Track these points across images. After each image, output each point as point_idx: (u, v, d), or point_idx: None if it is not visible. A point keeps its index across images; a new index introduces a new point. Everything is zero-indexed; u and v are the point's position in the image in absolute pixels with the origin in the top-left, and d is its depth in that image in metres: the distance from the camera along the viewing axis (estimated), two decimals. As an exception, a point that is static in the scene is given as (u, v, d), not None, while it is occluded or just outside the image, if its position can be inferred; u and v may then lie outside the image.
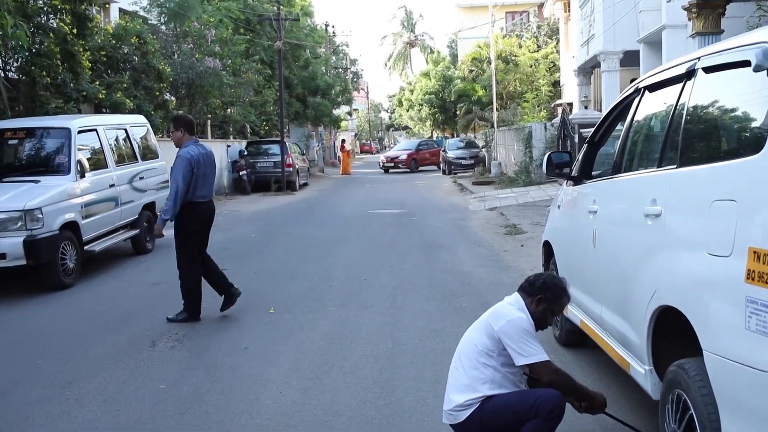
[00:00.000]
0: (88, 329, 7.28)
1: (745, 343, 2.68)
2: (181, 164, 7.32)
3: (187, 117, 8.04)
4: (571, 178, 5.83)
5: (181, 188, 7.29)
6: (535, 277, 4.08)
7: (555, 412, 3.65)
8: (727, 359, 2.80)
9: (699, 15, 12.65)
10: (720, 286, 2.92)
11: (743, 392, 2.71)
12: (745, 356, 2.68)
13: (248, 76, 27.29)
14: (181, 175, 7.28)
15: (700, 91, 3.57)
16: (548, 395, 3.68)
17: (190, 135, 7.58)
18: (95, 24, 17.08)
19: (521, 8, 45.67)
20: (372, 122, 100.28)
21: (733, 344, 2.76)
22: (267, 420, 4.82)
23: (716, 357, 2.88)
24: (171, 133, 7.75)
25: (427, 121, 54.70)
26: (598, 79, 24.44)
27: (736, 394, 2.77)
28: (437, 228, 14.65)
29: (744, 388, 2.70)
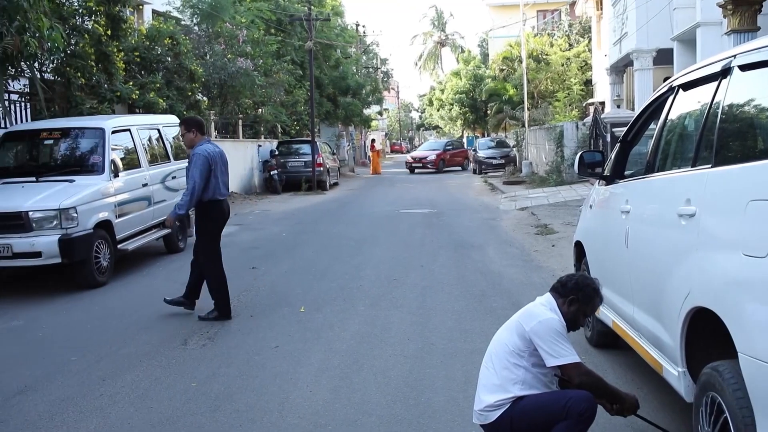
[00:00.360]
0: (120, 327, 7.37)
1: (782, 345, 2.64)
2: (198, 161, 7.46)
3: (196, 118, 8.23)
4: (604, 177, 5.77)
5: (199, 184, 7.41)
6: (567, 277, 4.04)
7: (586, 414, 3.61)
8: (763, 362, 2.76)
9: (734, 12, 12.46)
10: (756, 287, 2.88)
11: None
12: (781, 359, 2.64)
13: (279, 77, 27.44)
14: (199, 172, 7.41)
15: (736, 89, 3.51)
16: (580, 396, 3.65)
17: (201, 135, 7.72)
18: (129, 25, 17.30)
19: (553, 6, 45.33)
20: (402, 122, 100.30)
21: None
22: (297, 419, 4.83)
23: (752, 359, 2.84)
24: (182, 135, 7.82)
25: (458, 120, 54.56)
26: (631, 77, 24.19)
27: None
28: (467, 228, 14.61)
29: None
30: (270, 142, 29.06)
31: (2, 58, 10.84)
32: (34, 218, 8.76)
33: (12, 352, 6.64)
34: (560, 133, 23.88)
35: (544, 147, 26.91)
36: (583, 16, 37.85)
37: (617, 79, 26.15)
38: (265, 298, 8.54)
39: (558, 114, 29.46)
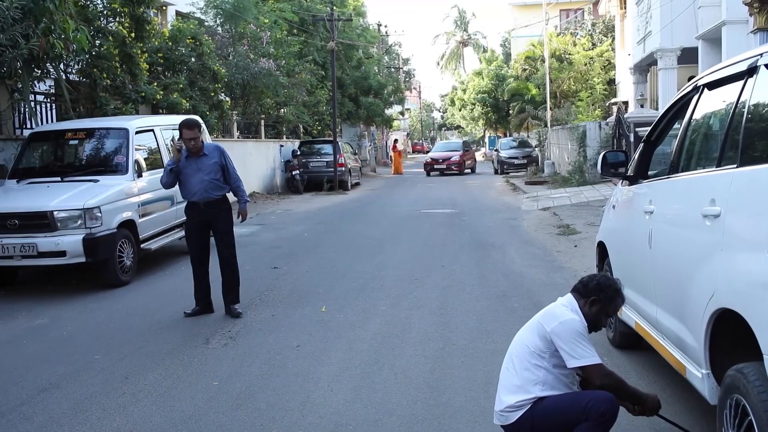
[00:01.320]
0: (143, 326, 7.42)
1: (808, 347, 2.60)
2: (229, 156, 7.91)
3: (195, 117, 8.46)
4: (627, 177, 5.73)
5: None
6: (588, 278, 4.01)
7: (607, 415, 3.59)
8: (788, 364, 2.72)
9: (761, 10, 12.32)
10: (782, 289, 2.84)
11: (806, 398, 2.62)
12: (808, 361, 2.60)
13: (301, 77, 27.52)
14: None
15: (763, 88, 3.47)
16: (600, 397, 3.62)
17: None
18: (153, 26, 17.41)
19: (576, 6, 45.12)
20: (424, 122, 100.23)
21: (796, 349, 2.68)
22: (318, 418, 4.84)
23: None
24: (189, 140, 7.52)
25: (480, 120, 54.45)
26: (655, 77, 24.00)
27: (798, 401, 2.68)
28: (489, 228, 14.56)
29: (807, 395, 2.62)
30: (292, 142, 29.16)
31: (28, 60, 10.96)
32: (59, 218, 8.84)
33: (37, 350, 6.71)
34: (583, 133, 23.74)
35: (567, 147, 26.77)
36: (607, 15, 37.62)
37: (641, 79, 25.95)
38: (286, 297, 8.57)
39: (581, 114, 29.28)
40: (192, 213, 7.86)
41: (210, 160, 7.70)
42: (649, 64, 24.68)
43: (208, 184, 7.67)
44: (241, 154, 23.05)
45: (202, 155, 7.68)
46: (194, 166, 7.64)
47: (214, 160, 7.73)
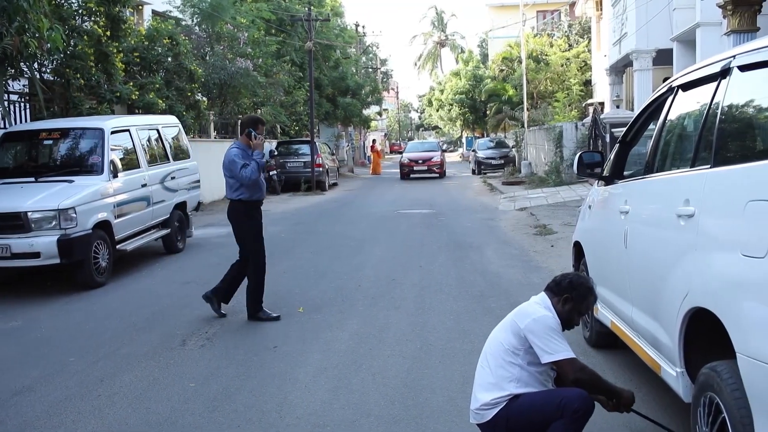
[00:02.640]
0: (119, 327, 7.36)
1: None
2: None
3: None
4: (603, 178, 5.77)
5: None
6: (561, 276, 4.05)
7: (580, 412, 3.60)
8: (761, 362, 2.75)
9: (734, 12, 12.46)
10: (754, 288, 2.87)
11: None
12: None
13: (279, 77, 27.44)
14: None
15: (736, 89, 3.51)
16: (574, 395, 3.64)
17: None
18: (129, 26, 17.28)
19: (552, 7, 45.38)
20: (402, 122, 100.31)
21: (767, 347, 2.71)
22: (296, 419, 4.83)
23: (750, 360, 2.83)
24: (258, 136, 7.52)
25: (457, 120, 54.61)
26: (631, 78, 24.20)
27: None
28: (466, 228, 14.60)
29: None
30: (269, 142, 29.02)
31: (2, 59, 10.84)
32: (33, 219, 8.75)
33: (10, 352, 6.64)
34: (559, 134, 23.88)
35: (544, 147, 26.92)
36: (583, 17, 37.87)
37: (617, 80, 26.16)
38: (263, 298, 8.51)
39: (557, 114, 29.44)
40: (257, 212, 7.74)
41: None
42: (624, 66, 24.88)
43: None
44: (218, 155, 22.74)
45: None
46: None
47: None
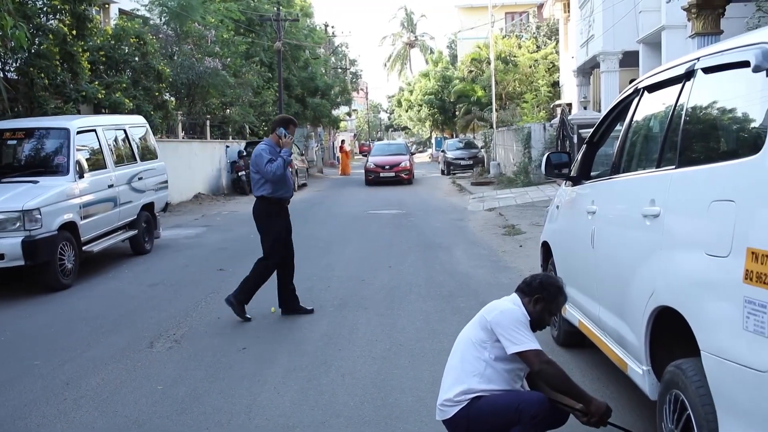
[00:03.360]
0: (85, 330, 7.27)
1: (743, 343, 2.68)
2: None
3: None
4: (570, 178, 5.82)
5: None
6: (531, 277, 4.06)
7: (538, 417, 3.58)
8: (724, 360, 2.80)
9: (698, 15, 12.65)
10: (718, 287, 2.92)
11: (741, 393, 2.70)
12: (742, 357, 2.68)
13: (248, 77, 27.31)
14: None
15: (699, 91, 3.56)
16: (533, 399, 3.63)
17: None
18: (95, 24, 17.08)
19: (521, 9, 45.74)
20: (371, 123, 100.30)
21: (731, 345, 2.76)
22: (265, 420, 4.81)
23: (714, 357, 2.88)
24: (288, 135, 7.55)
25: (427, 121, 54.76)
26: (598, 79, 24.47)
27: (733, 395, 2.76)
28: (436, 228, 14.64)
29: (741, 389, 2.69)
30: (238, 142, 28.89)
31: (-36, 57, 10.65)
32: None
33: (-27, 356, 6.52)
34: (528, 135, 24.05)
35: (512, 148, 27.09)
36: (551, 19, 38.21)
37: (584, 81, 26.43)
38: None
39: (526, 115, 29.65)
40: (281, 211, 7.71)
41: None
42: (592, 67, 25.14)
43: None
44: (186, 155, 22.78)
45: None
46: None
47: None
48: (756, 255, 2.64)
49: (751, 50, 2.96)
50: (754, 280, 2.64)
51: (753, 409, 2.63)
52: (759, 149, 2.75)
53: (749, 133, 3.04)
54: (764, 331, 2.56)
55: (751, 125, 3.03)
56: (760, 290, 2.60)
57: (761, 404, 2.58)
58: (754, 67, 2.90)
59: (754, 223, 2.72)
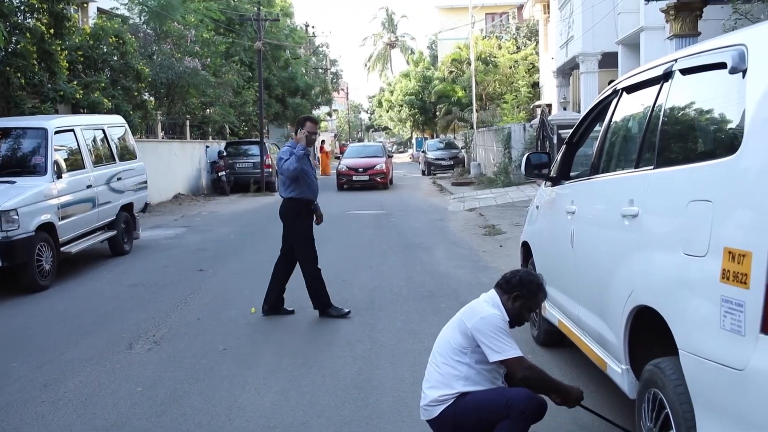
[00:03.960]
0: (64, 331, 7.20)
1: (720, 342, 2.70)
2: None
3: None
4: (550, 178, 5.85)
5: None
6: (511, 273, 4.08)
7: (527, 412, 3.63)
8: (702, 358, 2.82)
9: (676, 17, 12.77)
10: (696, 286, 2.94)
11: (718, 391, 2.73)
12: (720, 355, 2.70)
13: (228, 77, 27.20)
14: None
15: (677, 92, 3.59)
16: (521, 395, 3.67)
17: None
18: (73, 23, 16.94)
19: (501, 10, 45.91)
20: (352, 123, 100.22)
21: (709, 343, 2.78)
22: (245, 422, 4.79)
23: (692, 356, 2.90)
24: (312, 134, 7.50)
25: (407, 121, 54.81)
26: (577, 80, 24.60)
27: (711, 393, 2.78)
28: (416, 229, 14.66)
29: (719, 387, 2.72)
30: (218, 142, 28.77)
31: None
32: (-28, 220, 8.51)
33: (-51, 358, 6.44)
34: (508, 135, 24.14)
35: (492, 148, 27.18)
36: (531, 20, 38.38)
37: (564, 82, 26.57)
38: (212, 300, 8.45)
39: (506, 116, 29.77)
40: (307, 212, 7.63)
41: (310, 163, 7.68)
42: (571, 68, 25.28)
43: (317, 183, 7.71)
44: (165, 155, 22.65)
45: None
46: (309, 163, 7.53)
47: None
48: (733, 254, 2.67)
49: (728, 52, 3.00)
50: (731, 280, 2.66)
51: (730, 407, 2.66)
52: (735, 150, 2.78)
53: (726, 133, 3.07)
54: (741, 330, 2.59)
55: (728, 126, 3.06)
56: (737, 289, 2.62)
57: (738, 402, 2.61)
58: (730, 69, 2.93)
59: (730, 223, 2.74)
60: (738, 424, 2.61)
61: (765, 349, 2.49)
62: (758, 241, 2.53)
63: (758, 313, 2.51)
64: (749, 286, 2.56)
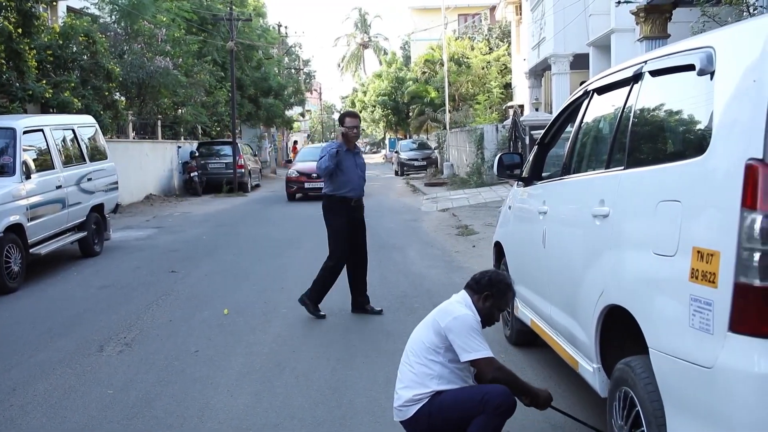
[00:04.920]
0: (33, 334, 7.11)
1: (689, 340, 2.74)
2: None
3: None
4: (522, 179, 5.88)
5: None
6: (480, 274, 4.11)
7: (502, 407, 3.66)
8: (671, 356, 2.85)
9: (646, 19, 12.93)
10: (665, 285, 2.98)
11: (687, 388, 2.76)
12: (689, 353, 2.73)
13: (200, 77, 27.02)
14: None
15: (647, 94, 3.63)
16: (496, 391, 3.70)
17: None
18: (42, 22, 16.73)
19: (473, 11, 46.11)
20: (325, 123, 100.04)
21: (678, 342, 2.82)
22: (218, 424, 4.76)
23: (661, 354, 2.94)
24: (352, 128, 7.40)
25: (380, 122, 54.85)
26: (549, 81, 24.78)
27: (680, 391, 2.82)
28: (390, 229, 14.66)
29: (688, 385, 2.75)
30: (190, 143, 28.59)
31: None
32: (-61, 222, 8.38)
33: None
34: (481, 136, 24.24)
35: (465, 149, 27.28)
36: (503, 21, 38.58)
37: (536, 83, 26.74)
38: (184, 301, 8.39)
39: (478, 116, 29.91)
40: (342, 209, 7.50)
41: (362, 158, 7.65)
42: (543, 69, 25.44)
43: (362, 180, 7.55)
44: (137, 156, 22.47)
45: (356, 151, 7.57)
46: (351, 160, 7.41)
47: (363, 159, 7.70)
48: (701, 254, 2.70)
49: (696, 54, 3.04)
50: (700, 279, 2.69)
51: (699, 404, 2.69)
52: (704, 150, 2.81)
53: (695, 134, 3.11)
54: (710, 328, 2.62)
55: (697, 127, 3.10)
56: (705, 288, 2.66)
57: (707, 399, 2.64)
58: (698, 71, 2.97)
59: (699, 223, 2.78)
60: (707, 421, 2.65)
61: (733, 347, 2.53)
62: (726, 241, 2.57)
63: (726, 312, 2.55)
64: (717, 285, 2.59)
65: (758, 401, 2.46)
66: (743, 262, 2.50)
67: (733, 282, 2.52)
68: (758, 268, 2.47)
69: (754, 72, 2.65)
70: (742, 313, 2.51)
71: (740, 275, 2.51)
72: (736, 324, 2.52)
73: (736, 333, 2.53)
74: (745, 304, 2.50)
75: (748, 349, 2.49)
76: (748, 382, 2.48)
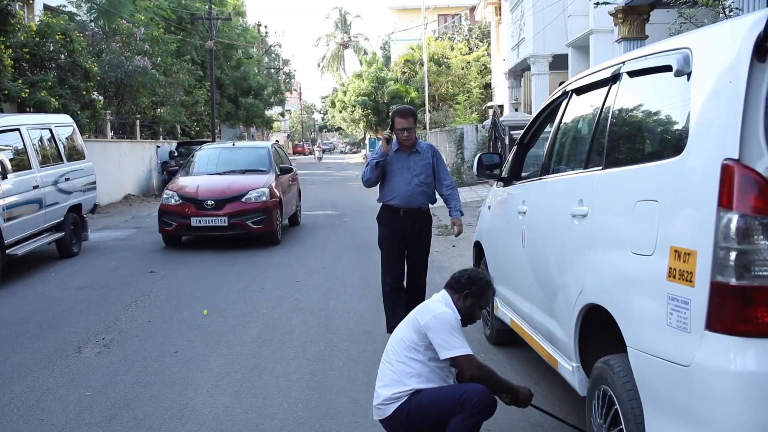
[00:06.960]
0: (10, 335, 7.04)
1: (667, 339, 2.76)
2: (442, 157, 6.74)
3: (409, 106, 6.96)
4: (502, 179, 5.90)
5: None
6: (459, 273, 4.12)
7: (480, 406, 3.66)
8: (649, 355, 2.88)
9: (625, 21, 13.03)
10: (643, 284, 3.00)
11: (665, 387, 2.78)
12: (666, 352, 2.76)
13: (179, 76, 26.88)
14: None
15: (625, 94, 3.66)
16: (474, 390, 3.70)
17: None
18: (18, 20, 16.57)
19: (453, 11, 46.20)
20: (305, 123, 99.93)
21: (656, 340, 2.84)
22: (198, 425, 4.74)
23: (639, 353, 2.96)
24: (402, 130, 6.20)
25: (360, 122, 54.81)
26: (528, 81, 24.89)
27: (658, 389, 2.84)
28: (370, 229, 14.60)
29: (666, 383, 2.77)
30: (169, 143, 28.42)
31: None
32: None
33: None
34: (460, 136, 24.31)
35: (445, 149, 27.34)
36: (483, 21, 38.70)
37: (515, 83, 26.86)
38: (164, 302, 8.33)
39: (458, 117, 29.99)
40: (387, 220, 6.64)
41: (423, 160, 6.41)
42: (523, 70, 25.56)
43: (416, 187, 6.38)
44: (115, 155, 22.30)
45: (414, 152, 6.38)
46: (402, 163, 6.34)
47: (427, 161, 6.44)
48: (678, 253, 2.73)
49: (673, 55, 3.07)
50: (677, 278, 2.72)
51: (677, 402, 2.71)
52: (681, 151, 2.84)
53: (672, 134, 3.13)
54: (687, 327, 2.65)
55: (674, 127, 3.13)
56: (683, 287, 2.68)
57: (684, 397, 2.66)
58: (675, 72, 3.00)
59: (676, 222, 2.80)
60: (684, 419, 2.67)
61: (710, 346, 2.55)
62: (703, 240, 2.59)
63: (703, 311, 2.57)
64: (694, 284, 2.62)
65: (735, 399, 2.49)
66: (720, 261, 2.53)
67: (710, 281, 2.55)
68: (734, 267, 2.50)
69: (730, 73, 2.68)
70: (718, 311, 2.54)
71: (717, 274, 2.53)
72: (713, 322, 2.55)
73: (713, 331, 2.55)
74: (722, 302, 2.53)
75: (725, 348, 2.52)
76: (725, 380, 2.50)
